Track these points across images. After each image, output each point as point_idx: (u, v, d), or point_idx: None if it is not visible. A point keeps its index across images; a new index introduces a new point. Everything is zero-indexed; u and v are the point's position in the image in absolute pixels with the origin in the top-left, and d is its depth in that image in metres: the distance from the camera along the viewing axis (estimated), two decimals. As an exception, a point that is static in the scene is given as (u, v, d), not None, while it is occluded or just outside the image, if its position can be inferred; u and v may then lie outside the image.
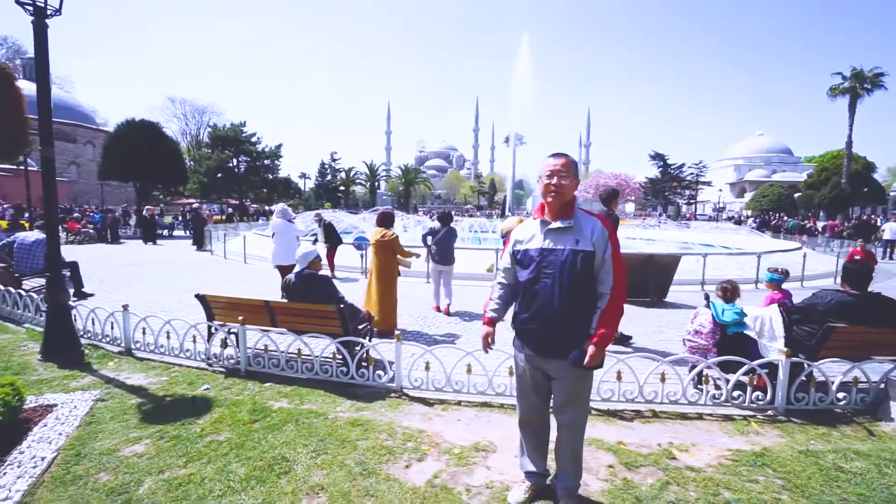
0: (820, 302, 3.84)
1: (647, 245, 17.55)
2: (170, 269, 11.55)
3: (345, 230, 16.75)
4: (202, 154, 43.47)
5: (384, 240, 5.82)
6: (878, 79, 34.54)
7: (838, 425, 3.48)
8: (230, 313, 4.55)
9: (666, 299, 8.14)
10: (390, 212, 6.27)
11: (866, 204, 41.95)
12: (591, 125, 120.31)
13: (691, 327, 4.07)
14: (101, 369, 4.41)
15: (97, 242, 18.41)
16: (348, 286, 9.13)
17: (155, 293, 8.26)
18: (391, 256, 5.88)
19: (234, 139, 41.97)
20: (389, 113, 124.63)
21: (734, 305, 4.01)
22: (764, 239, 20.18)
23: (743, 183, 68.74)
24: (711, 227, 26.75)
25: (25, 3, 4.19)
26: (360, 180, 71.99)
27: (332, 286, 4.63)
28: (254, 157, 43.67)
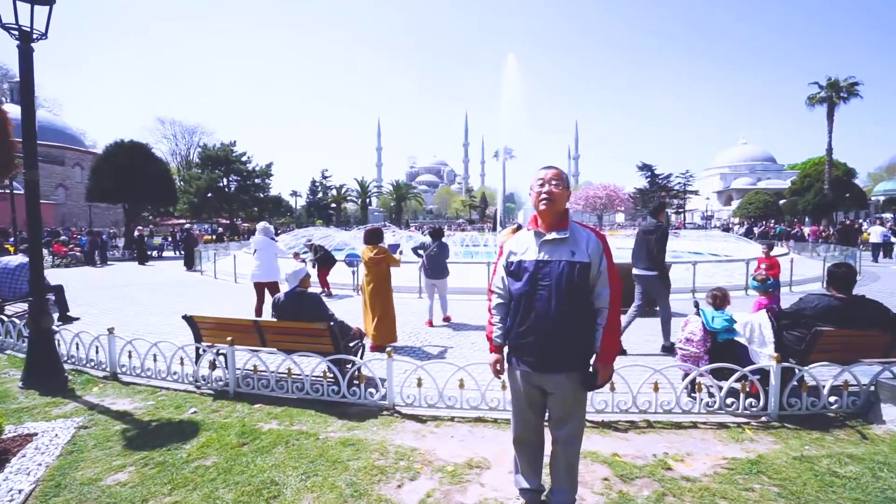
0: (807, 306, 3.87)
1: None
2: (159, 290, 11.40)
3: (336, 247, 16.69)
4: (192, 174, 43.37)
5: (377, 257, 5.78)
6: (853, 88, 35.54)
7: (831, 429, 3.47)
8: (219, 334, 4.47)
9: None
10: (378, 228, 6.25)
11: (849, 209, 42.77)
12: (579, 137, 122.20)
13: (682, 335, 4.07)
14: (85, 395, 4.29)
15: (84, 265, 18.15)
16: (340, 303, 9.06)
17: (143, 315, 8.12)
18: (385, 272, 5.84)
19: (224, 159, 41.94)
20: (380, 130, 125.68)
21: (724, 312, 4.03)
22: (752, 245, 20.41)
23: (729, 191, 69.94)
24: (700, 236, 26.99)
25: (10, 28, 4.19)
26: (351, 197, 72.16)
27: (322, 303, 4.59)
28: (244, 177, 43.61)
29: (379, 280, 5.78)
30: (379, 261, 5.78)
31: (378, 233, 6.07)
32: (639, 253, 5.80)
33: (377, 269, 5.79)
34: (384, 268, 5.83)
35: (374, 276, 5.79)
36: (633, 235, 29.15)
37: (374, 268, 5.79)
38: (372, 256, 5.77)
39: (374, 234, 6.00)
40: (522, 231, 2.38)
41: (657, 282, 5.73)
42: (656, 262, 5.64)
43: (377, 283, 5.77)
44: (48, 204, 37.91)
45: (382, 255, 5.79)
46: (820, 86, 36.52)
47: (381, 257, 5.77)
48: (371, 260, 5.78)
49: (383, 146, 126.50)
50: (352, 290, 10.53)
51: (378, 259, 5.77)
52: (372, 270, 5.79)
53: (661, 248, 5.65)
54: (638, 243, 5.85)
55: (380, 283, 5.77)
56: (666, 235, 5.84)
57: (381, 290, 5.76)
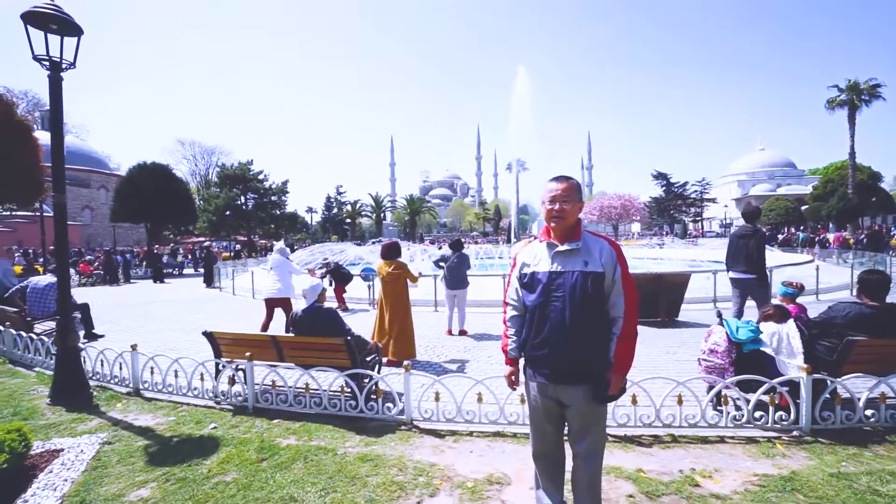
0: (837, 315, 3.74)
1: (654, 264, 17.38)
2: (179, 307, 11.61)
3: (351, 262, 16.83)
4: (211, 193, 44.54)
5: (394, 272, 5.75)
6: (875, 90, 34.83)
7: (869, 444, 3.31)
8: (237, 349, 4.52)
9: (678, 318, 7.99)
10: (396, 243, 6.23)
11: (876, 213, 41.48)
12: (591, 147, 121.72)
13: (706, 346, 3.96)
14: (109, 411, 4.37)
15: (109, 284, 18.63)
16: (356, 318, 9.09)
17: (164, 332, 8.27)
18: (403, 287, 5.81)
19: (241, 177, 42.96)
20: (393, 145, 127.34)
21: (749, 322, 3.92)
22: (774, 253, 19.91)
23: (748, 198, 68.54)
24: (720, 244, 26.48)
25: (42, 59, 4.40)
26: (365, 212, 72.98)
27: (339, 318, 4.61)
28: (261, 194, 44.53)
29: (396, 295, 5.75)
30: (397, 276, 5.75)
31: (396, 247, 6.05)
32: (736, 257, 5.86)
33: (395, 285, 5.76)
34: (402, 283, 5.80)
35: (391, 291, 5.75)
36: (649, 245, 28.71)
37: (391, 283, 5.75)
38: (390, 272, 5.74)
39: (392, 249, 5.98)
40: (535, 242, 2.36)
41: (756, 285, 5.76)
42: (756, 265, 5.70)
43: (395, 298, 5.73)
44: (75, 225, 39.23)
45: (400, 270, 5.78)
46: (840, 89, 35.88)
47: (398, 272, 5.75)
48: (389, 275, 5.75)
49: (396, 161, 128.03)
50: (368, 304, 10.56)
51: (396, 274, 5.75)
52: (389, 286, 5.76)
53: (760, 252, 5.72)
54: (735, 248, 5.90)
55: (397, 299, 5.74)
56: (765, 238, 5.93)
57: (398, 305, 5.72)
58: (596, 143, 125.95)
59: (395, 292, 5.75)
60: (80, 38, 4.53)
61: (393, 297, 5.72)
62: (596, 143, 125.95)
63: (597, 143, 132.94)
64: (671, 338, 6.81)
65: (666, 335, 7.00)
